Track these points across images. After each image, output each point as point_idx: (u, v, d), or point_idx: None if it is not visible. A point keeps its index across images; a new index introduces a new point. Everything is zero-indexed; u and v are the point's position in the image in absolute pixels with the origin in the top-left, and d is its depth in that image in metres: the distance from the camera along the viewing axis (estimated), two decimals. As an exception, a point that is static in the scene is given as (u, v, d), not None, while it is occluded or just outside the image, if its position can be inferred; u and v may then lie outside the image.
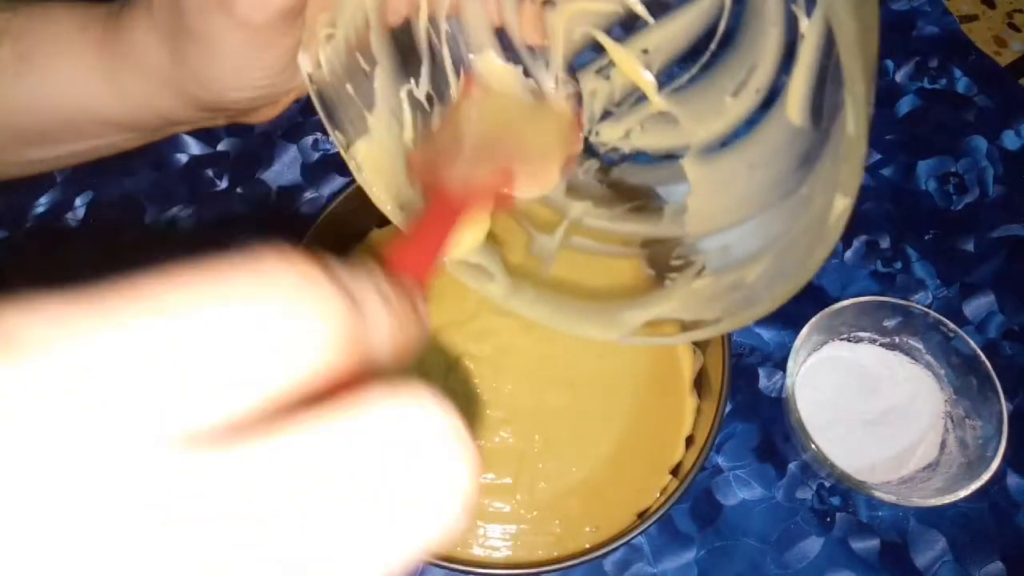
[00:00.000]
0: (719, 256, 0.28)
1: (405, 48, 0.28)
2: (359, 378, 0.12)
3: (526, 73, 0.29)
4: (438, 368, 0.42)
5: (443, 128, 0.28)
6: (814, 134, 0.23)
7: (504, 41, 0.29)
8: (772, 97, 0.25)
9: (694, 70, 0.28)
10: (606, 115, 0.30)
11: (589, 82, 0.30)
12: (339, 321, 0.11)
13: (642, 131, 0.30)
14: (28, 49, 0.28)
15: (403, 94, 0.29)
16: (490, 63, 0.29)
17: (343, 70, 0.27)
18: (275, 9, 0.23)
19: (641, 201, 0.31)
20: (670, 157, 0.29)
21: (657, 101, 0.28)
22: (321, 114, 0.27)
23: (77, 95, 0.28)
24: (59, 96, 0.28)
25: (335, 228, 0.43)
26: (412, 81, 0.29)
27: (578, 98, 0.29)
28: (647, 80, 0.28)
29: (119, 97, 0.28)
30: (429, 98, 0.29)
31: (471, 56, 0.29)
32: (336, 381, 0.11)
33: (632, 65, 0.28)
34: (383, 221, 0.45)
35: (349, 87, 0.27)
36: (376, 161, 0.28)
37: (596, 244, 0.32)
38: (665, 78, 0.28)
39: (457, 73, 0.29)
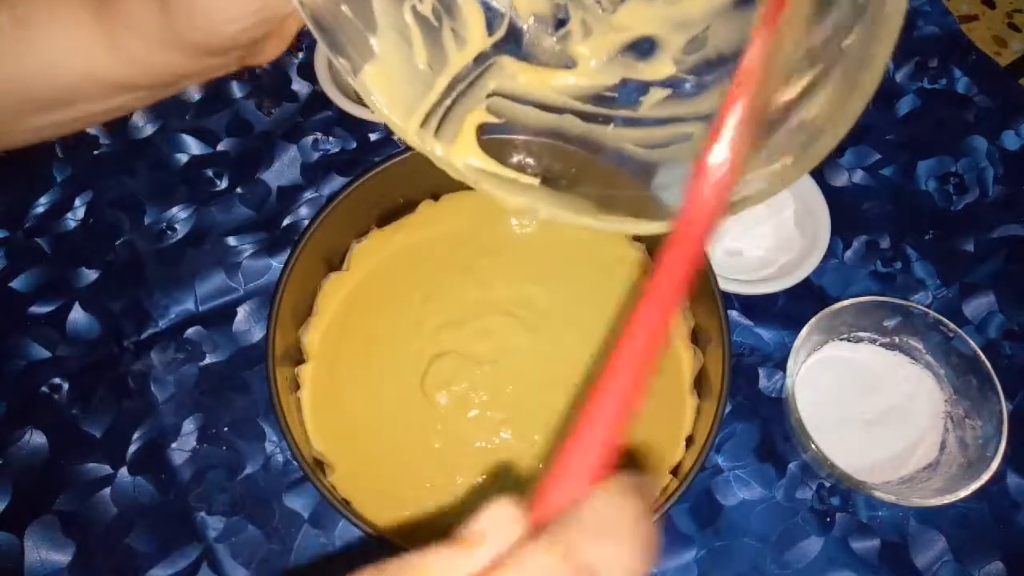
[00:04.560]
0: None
1: None
2: None
3: None
4: (439, 369, 0.42)
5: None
6: None
7: None
8: None
9: None
10: None
11: None
12: None
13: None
14: (25, 15, 0.28)
15: (407, 12, 0.27)
16: None
17: None
18: None
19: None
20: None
21: None
22: (320, 40, 0.25)
23: (80, 60, 0.28)
24: (62, 62, 0.28)
25: (326, 239, 0.43)
26: None
27: None
28: None
29: (122, 60, 0.28)
30: (436, 13, 0.28)
31: None
32: None
33: None
34: (362, 232, 0.45)
35: (345, 8, 0.26)
36: (387, 84, 0.27)
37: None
38: None
39: None
